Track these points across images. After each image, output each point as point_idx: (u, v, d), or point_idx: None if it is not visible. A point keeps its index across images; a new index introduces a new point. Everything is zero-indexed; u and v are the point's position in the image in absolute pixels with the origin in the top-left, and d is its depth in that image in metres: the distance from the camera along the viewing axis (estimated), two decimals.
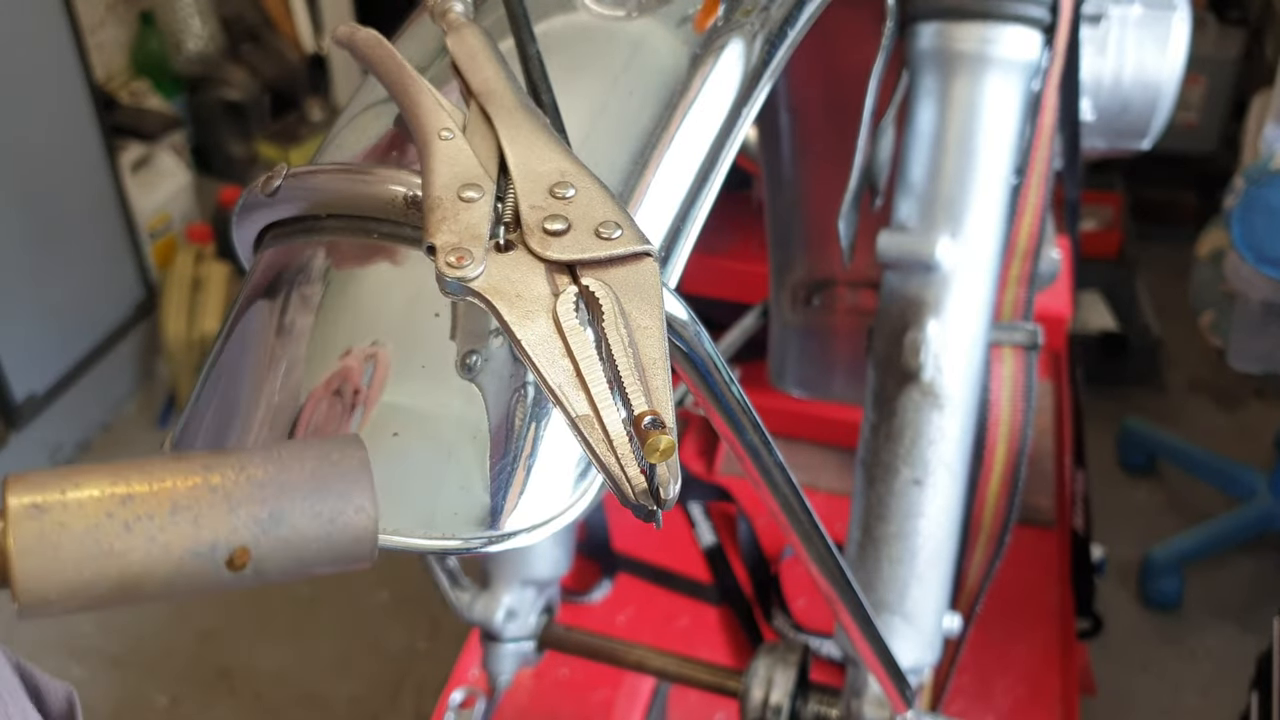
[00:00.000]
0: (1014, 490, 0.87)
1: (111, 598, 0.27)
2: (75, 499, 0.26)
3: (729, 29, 0.51)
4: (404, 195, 0.40)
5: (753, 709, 0.85)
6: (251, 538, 0.27)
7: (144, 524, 0.27)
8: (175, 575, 0.27)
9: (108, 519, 0.26)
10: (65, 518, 0.26)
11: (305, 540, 0.28)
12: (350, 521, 0.29)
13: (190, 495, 0.27)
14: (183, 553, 0.27)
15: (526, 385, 0.40)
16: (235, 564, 0.28)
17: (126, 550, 0.26)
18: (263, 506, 0.28)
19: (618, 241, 0.35)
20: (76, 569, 0.26)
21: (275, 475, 0.28)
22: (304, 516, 0.28)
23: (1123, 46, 1.06)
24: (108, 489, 0.27)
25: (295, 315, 0.42)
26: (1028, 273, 0.88)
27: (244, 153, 2.87)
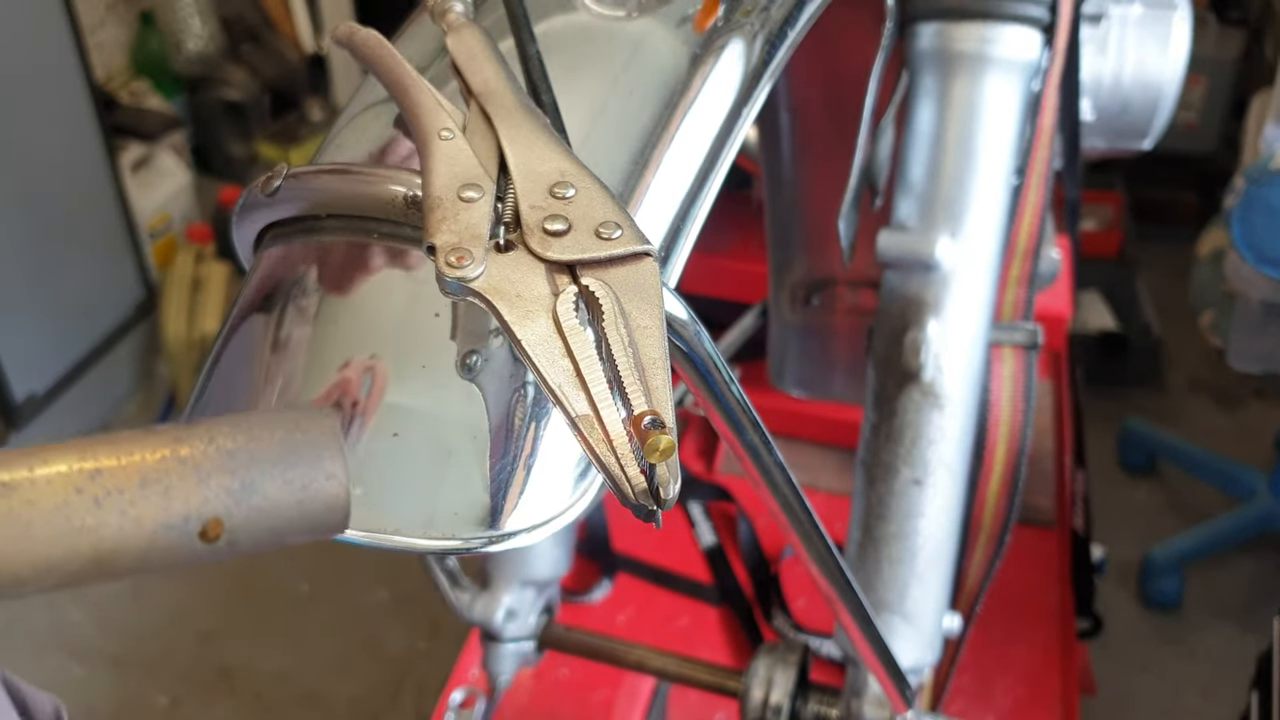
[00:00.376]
0: (1014, 490, 0.87)
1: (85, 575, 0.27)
2: (43, 475, 0.26)
3: (729, 29, 0.51)
4: (404, 195, 0.40)
5: (753, 709, 0.85)
6: (224, 509, 0.27)
7: (114, 498, 0.26)
8: (148, 549, 0.27)
9: (76, 494, 0.26)
10: (33, 495, 0.26)
11: (278, 509, 0.28)
12: (322, 489, 0.29)
13: (159, 468, 0.27)
14: (155, 526, 0.27)
15: (526, 385, 0.40)
16: (209, 535, 0.27)
17: (97, 526, 0.26)
18: (233, 476, 0.27)
19: (618, 241, 0.35)
20: (48, 546, 0.26)
21: (245, 445, 0.28)
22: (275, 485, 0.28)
23: (1123, 46, 1.06)
24: (75, 464, 0.26)
25: (295, 317, 0.42)
26: (1028, 273, 0.88)
27: (244, 153, 2.87)
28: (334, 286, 0.42)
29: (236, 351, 0.44)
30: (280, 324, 0.42)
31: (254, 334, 0.43)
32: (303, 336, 0.42)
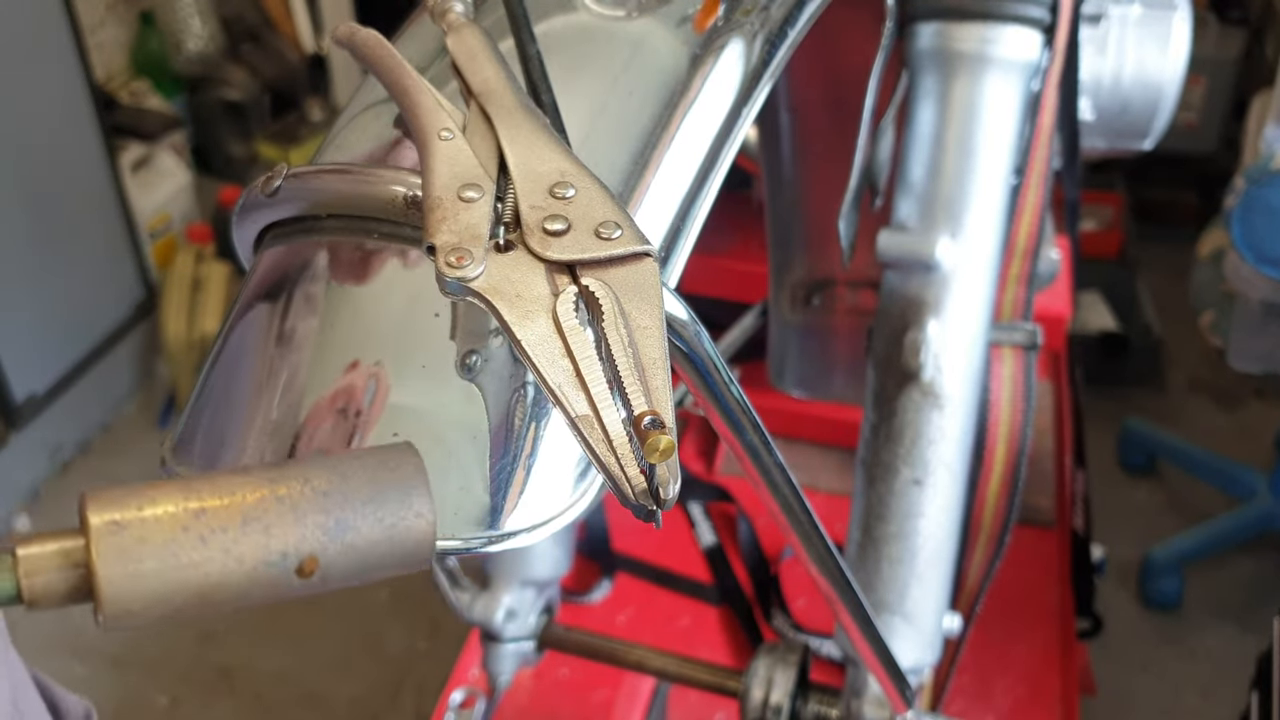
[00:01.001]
0: (1014, 490, 0.87)
1: (189, 608, 0.28)
2: (152, 514, 0.27)
3: (729, 29, 0.51)
4: (404, 195, 0.40)
5: (753, 709, 0.85)
6: (319, 546, 0.28)
7: (218, 536, 0.28)
8: (249, 585, 0.28)
9: (184, 532, 0.27)
10: (144, 532, 0.27)
11: (369, 545, 0.29)
12: (411, 526, 0.30)
13: (259, 507, 0.28)
14: (255, 563, 0.28)
15: (526, 385, 0.40)
16: (305, 572, 0.29)
17: (203, 562, 0.27)
18: (328, 515, 0.29)
19: (618, 241, 0.35)
20: (157, 581, 0.27)
21: (338, 485, 0.29)
22: (367, 523, 0.29)
23: (1123, 46, 1.06)
24: (181, 504, 0.28)
25: (295, 317, 0.42)
26: (1027, 272, 0.88)
27: (244, 153, 2.87)
28: (334, 287, 0.42)
29: (237, 351, 0.44)
30: (280, 324, 0.42)
31: (254, 334, 0.43)
32: (303, 337, 0.42)
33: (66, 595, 0.27)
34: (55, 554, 0.27)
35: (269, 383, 0.41)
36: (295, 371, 0.41)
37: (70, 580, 0.27)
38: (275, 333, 0.42)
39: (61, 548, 0.27)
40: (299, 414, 0.40)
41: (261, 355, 0.42)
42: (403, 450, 0.31)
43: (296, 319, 0.42)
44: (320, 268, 0.42)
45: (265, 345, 0.42)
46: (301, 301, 0.42)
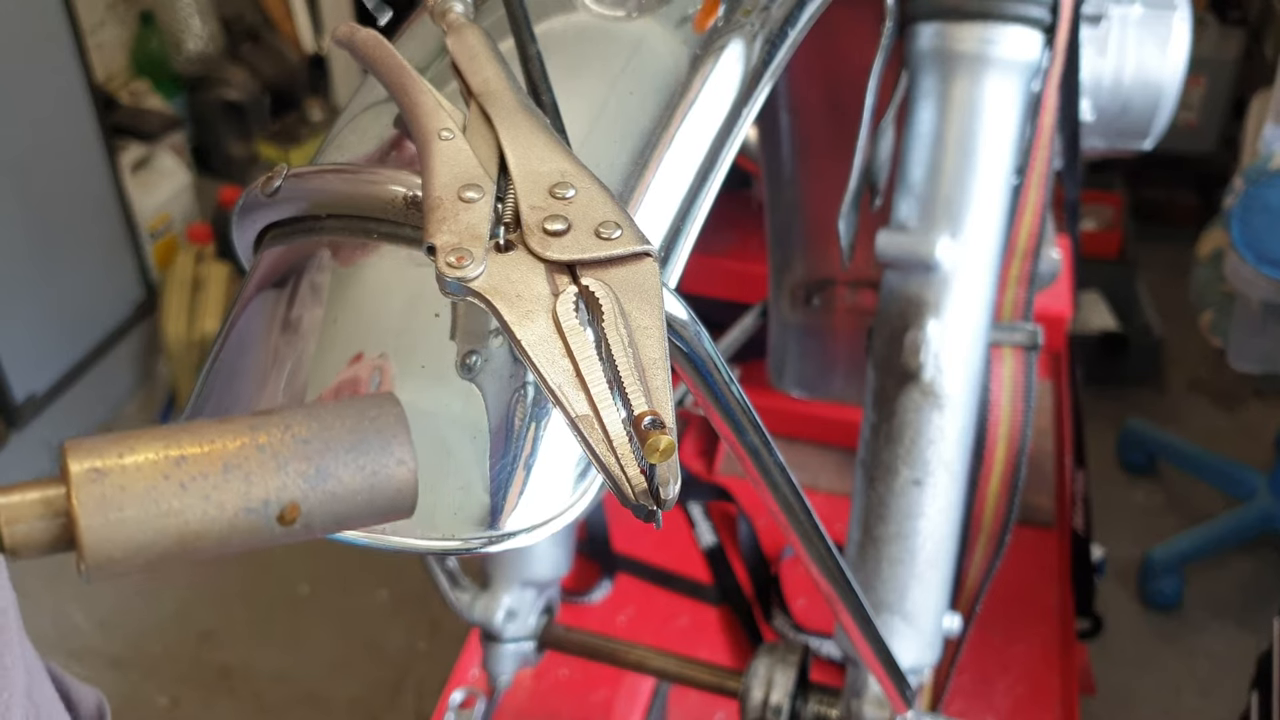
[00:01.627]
0: (1014, 490, 0.87)
1: (170, 555, 0.28)
2: (133, 462, 0.27)
3: (729, 29, 0.51)
4: (404, 195, 0.40)
5: (753, 709, 0.85)
6: (300, 493, 0.29)
7: (199, 483, 0.28)
8: (230, 532, 0.28)
9: (164, 480, 0.27)
10: (125, 480, 0.27)
11: (350, 493, 0.29)
12: (392, 474, 0.30)
13: (240, 454, 0.28)
14: (236, 510, 0.28)
15: (526, 385, 0.40)
16: (286, 519, 0.29)
17: (183, 509, 0.27)
18: (309, 463, 0.29)
19: (618, 241, 0.35)
20: (138, 529, 0.27)
21: (319, 432, 0.29)
22: (348, 470, 0.29)
23: (1123, 47, 1.06)
24: (162, 451, 0.28)
25: (295, 317, 0.42)
26: (1028, 273, 0.88)
27: (244, 153, 2.87)
28: (334, 287, 0.42)
29: (237, 351, 0.44)
30: (280, 325, 0.42)
31: (255, 333, 0.43)
32: (305, 333, 0.42)
33: (48, 544, 0.27)
34: (36, 502, 0.27)
35: (270, 380, 0.41)
36: (298, 366, 0.41)
37: (52, 529, 0.27)
38: (276, 331, 0.42)
39: (43, 496, 0.27)
40: (309, 398, 0.40)
41: (262, 353, 0.42)
42: (384, 399, 0.31)
43: (298, 316, 0.42)
44: (322, 265, 0.42)
45: (266, 344, 0.42)
46: (303, 298, 0.42)
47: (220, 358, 0.44)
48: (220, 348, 0.45)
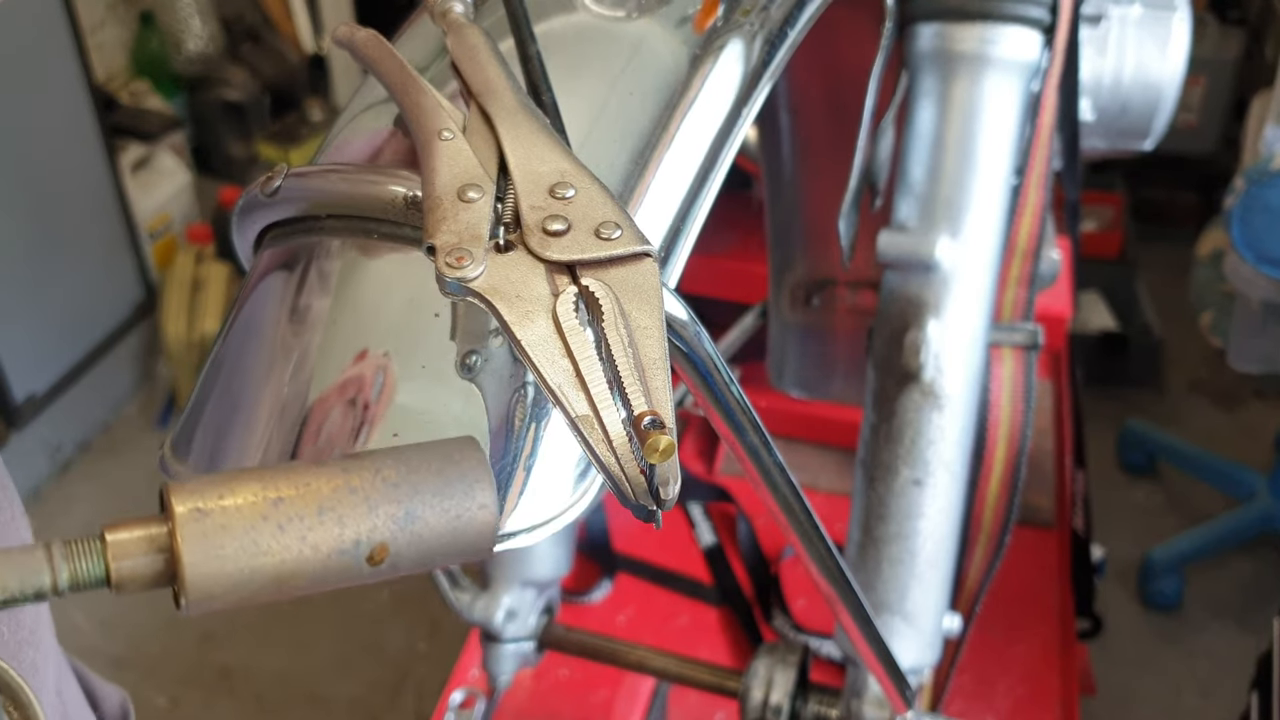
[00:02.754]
0: (1014, 490, 0.87)
1: (265, 593, 0.29)
2: (233, 503, 0.28)
3: (729, 29, 0.51)
4: (404, 195, 0.40)
5: (753, 709, 0.85)
6: (389, 535, 0.30)
7: (295, 525, 0.29)
8: (323, 571, 0.29)
9: (263, 521, 0.29)
10: (225, 520, 0.28)
11: (435, 535, 0.30)
12: (474, 517, 0.31)
13: (334, 497, 0.29)
14: (329, 551, 0.29)
15: (526, 385, 0.40)
16: (375, 559, 0.30)
17: (281, 550, 0.29)
18: (398, 506, 0.30)
19: (617, 242, 0.35)
20: (237, 567, 0.28)
21: (407, 476, 0.30)
22: (434, 513, 0.30)
23: (1123, 47, 1.06)
24: (260, 493, 0.29)
25: (295, 317, 0.42)
26: (1028, 273, 0.88)
27: (244, 153, 2.87)
28: (334, 287, 0.42)
29: (238, 350, 0.44)
30: (280, 325, 0.42)
31: (255, 332, 0.43)
32: (304, 337, 0.42)
33: (151, 580, 0.28)
34: (141, 539, 0.28)
35: (271, 379, 0.41)
36: (300, 365, 0.41)
37: (155, 565, 0.28)
38: (276, 331, 0.42)
39: (147, 533, 0.28)
40: (305, 401, 0.40)
41: (263, 354, 0.42)
42: (466, 444, 0.32)
43: (298, 316, 0.42)
44: (322, 265, 0.42)
45: (266, 344, 0.42)
46: (303, 298, 0.42)
47: (220, 358, 0.44)
48: (221, 347, 0.45)
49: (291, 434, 0.40)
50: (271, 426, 0.40)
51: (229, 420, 0.42)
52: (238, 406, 0.42)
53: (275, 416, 0.41)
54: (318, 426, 0.40)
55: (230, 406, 0.42)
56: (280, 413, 0.40)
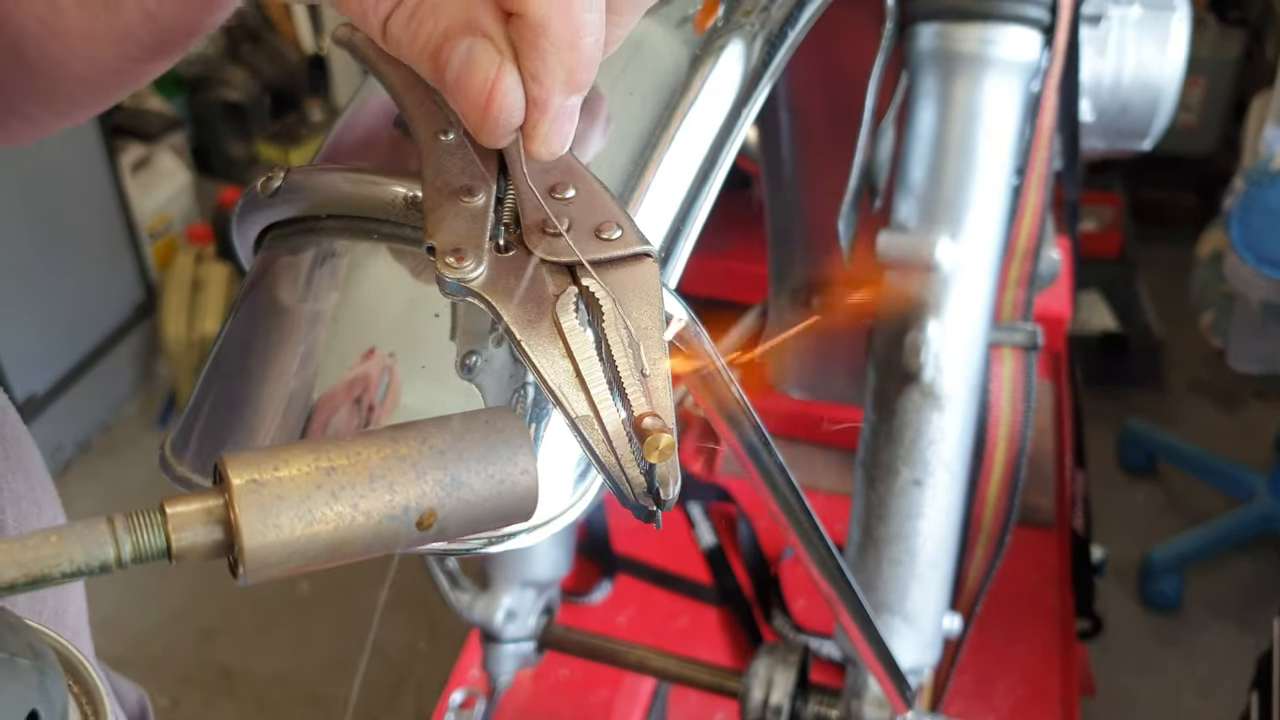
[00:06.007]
0: (1014, 490, 0.87)
1: (319, 560, 0.30)
2: (288, 474, 0.29)
3: (729, 29, 0.51)
4: (404, 196, 0.40)
5: (753, 709, 0.85)
6: (437, 500, 0.31)
7: (348, 492, 0.30)
8: (375, 538, 0.30)
9: (316, 490, 0.29)
10: (281, 491, 0.29)
11: (480, 499, 0.31)
12: (517, 482, 0.32)
13: (384, 465, 0.30)
14: (381, 517, 0.30)
15: (526, 385, 0.40)
16: (424, 524, 0.31)
17: (334, 517, 0.30)
18: (445, 472, 0.31)
19: (617, 242, 0.35)
20: (293, 536, 0.29)
21: (453, 443, 0.31)
22: (479, 478, 0.31)
23: (1122, 47, 1.06)
24: (313, 463, 0.30)
25: (296, 317, 0.42)
26: (1027, 273, 0.88)
27: (244, 153, 2.87)
28: (334, 288, 0.42)
29: (238, 350, 0.44)
30: (280, 325, 0.42)
31: (256, 332, 0.43)
32: (304, 337, 0.42)
33: (209, 550, 0.29)
34: (200, 511, 0.29)
35: (272, 379, 0.41)
36: (302, 366, 0.41)
37: (213, 535, 0.29)
38: (276, 331, 0.42)
39: (205, 506, 0.29)
40: (308, 400, 0.40)
41: (263, 352, 0.42)
42: (505, 412, 0.33)
43: (298, 316, 0.42)
44: (322, 265, 0.42)
45: (266, 344, 0.42)
46: (303, 298, 0.42)
47: (220, 357, 0.44)
48: (221, 347, 0.45)
49: (295, 433, 0.40)
50: (274, 425, 0.40)
51: (229, 420, 0.42)
52: (238, 406, 0.42)
53: (277, 416, 0.41)
54: (322, 425, 0.40)
55: (231, 406, 0.42)
56: (283, 412, 0.40)
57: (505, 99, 0.32)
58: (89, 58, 0.45)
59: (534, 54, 0.31)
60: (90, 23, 0.43)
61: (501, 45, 0.32)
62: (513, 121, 0.33)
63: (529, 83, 0.32)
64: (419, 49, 0.33)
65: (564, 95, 0.33)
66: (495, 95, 0.32)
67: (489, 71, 0.32)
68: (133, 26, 0.43)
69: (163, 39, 0.44)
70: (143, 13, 0.42)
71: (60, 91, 0.47)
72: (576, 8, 0.31)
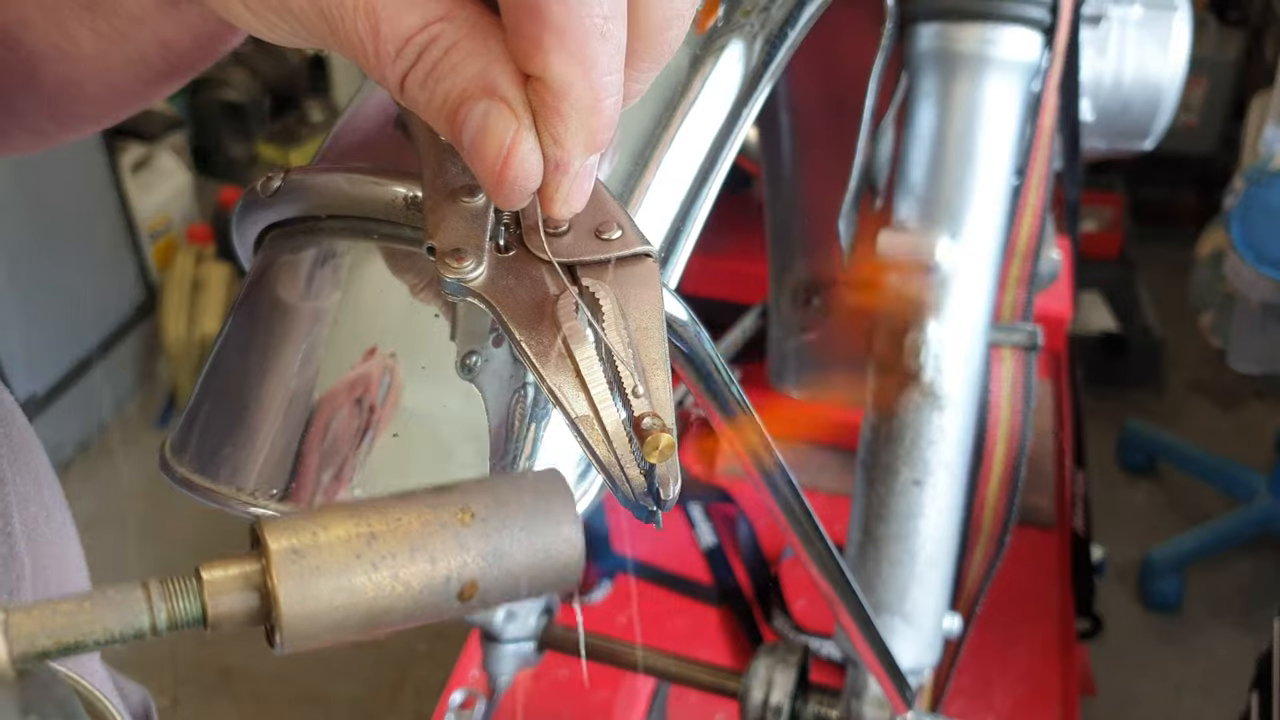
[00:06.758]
0: (1014, 490, 0.87)
1: (357, 631, 0.29)
2: (327, 541, 0.28)
3: (729, 29, 0.51)
4: (404, 196, 0.40)
5: (753, 709, 0.85)
6: (479, 571, 0.30)
7: (388, 563, 0.29)
8: (414, 608, 0.29)
9: (356, 560, 0.28)
10: (320, 560, 0.28)
11: (522, 570, 0.30)
12: (560, 552, 0.31)
13: (425, 535, 0.29)
14: (421, 588, 0.29)
15: (526, 386, 0.40)
16: (464, 595, 0.30)
17: (374, 588, 0.29)
18: (487, 541, 0.30)
19: (618, 242, 0.35)
20: (331, 607, 0.28)
21: (496, 511, 0.30)
22: (522, 549, 0.30)
23: (1123, 47, 1.06)
24: (353, 529, 0.29)
25: (296, 317, 0.42)
26: (1027, 274, 0.88)
27: (244, 153, 2.87)
28: (334, 288, 0.42)
29: (238, 350, 0.44)
30: (280, 326, 0.42)
31: (255, 334, 0.43)
32: (305, 337, 0.42)
33: (246, 618, 0.28)
34: (237, 578, 0.28)
35: (272, 379, 0.41)
36: (303, 363, 0.41)
37: (249, 603, 0.28)
38: (276, 332, 0.42)
39: (242, 571, 0.28)
40: (310, 401, 0.40)
41: (263, 352, 0.42)
42: (553, 478, 0.32)
43: (298, 317, 0.42)
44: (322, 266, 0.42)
45: (266, 344, 0.42)
46: (304, 298, 0.42)
47: (220, 357, 0.44)
48: (220, 348, 0.45)
49: (296, 433, 0.40)
50: (274, 426, 0.40)
51: (230, 420, 0.42)
52: (239, 406, 0.42)
53: (278, 416, 0.41)
54: (324, 425, 0.40)
55: (231, 406, 0.42)
56: (283, 412, 0.40)
57: (522, 165, 0.31)
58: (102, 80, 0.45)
59: (555, 118, 0.31)
60: (104, 47, 0.43)
61: (519, 109, 0.31)
62: (529, 186, 0.32)
63: (550, 146, 0.32)
64: (436, 109, 0.32)
65: (584, 157, 0.32)
66: (511, 161, 0.31)
67: (505, 136, 0.31)
68: (146, 52, 0.43)
69: (176, 64, 0.44)
70: (158, 41, 0.43)
71: (72, 109, 0.47)
72: (598, 70, 0.30)
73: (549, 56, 0.30)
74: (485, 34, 0.31)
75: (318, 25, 0.31)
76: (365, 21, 0.31)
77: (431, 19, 0.31)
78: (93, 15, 0.42)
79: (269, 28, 0.33)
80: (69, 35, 0.43)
